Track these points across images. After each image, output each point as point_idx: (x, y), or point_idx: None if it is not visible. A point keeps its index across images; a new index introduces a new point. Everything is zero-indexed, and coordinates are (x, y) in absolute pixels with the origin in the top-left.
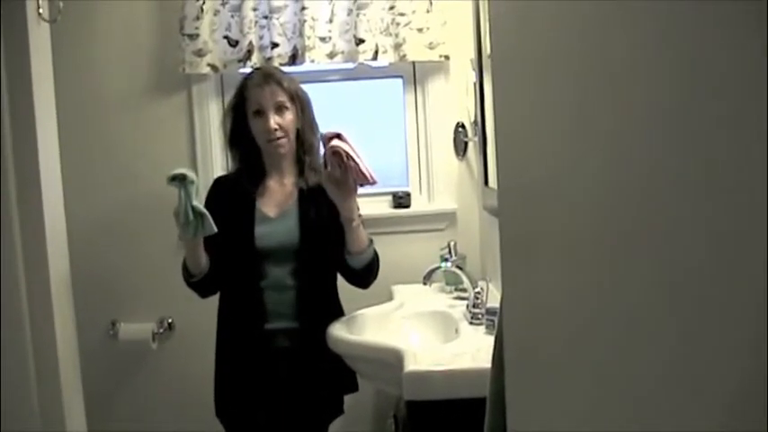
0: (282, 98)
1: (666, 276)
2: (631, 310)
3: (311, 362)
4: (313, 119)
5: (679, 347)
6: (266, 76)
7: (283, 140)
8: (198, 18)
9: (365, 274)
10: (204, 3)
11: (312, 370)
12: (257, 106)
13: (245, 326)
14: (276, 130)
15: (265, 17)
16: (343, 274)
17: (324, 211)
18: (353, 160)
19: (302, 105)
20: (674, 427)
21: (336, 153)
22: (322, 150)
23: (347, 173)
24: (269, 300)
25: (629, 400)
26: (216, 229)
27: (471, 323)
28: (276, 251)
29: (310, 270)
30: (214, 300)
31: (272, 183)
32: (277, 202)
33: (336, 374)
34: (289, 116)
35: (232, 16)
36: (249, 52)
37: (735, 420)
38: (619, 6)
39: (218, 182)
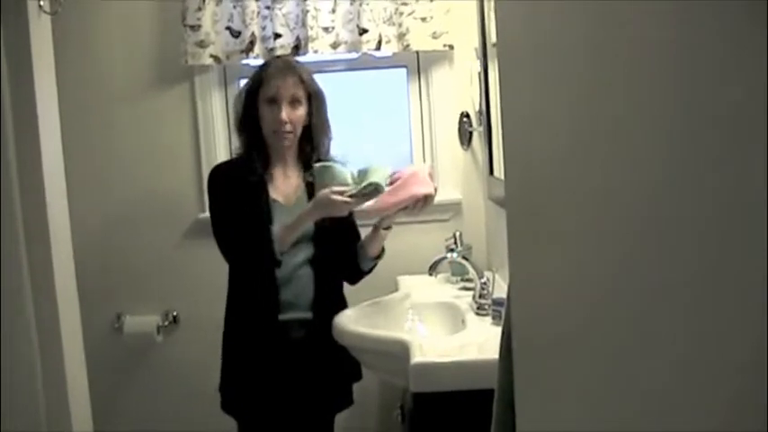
0: (299, 92)
1: (674, 268)
2: (640, 300)
3: (324, 353)
4: (326, 116)
5: (684, 339)
6: (288, 66)
7: (290, 135)
8: (200, 9)
9: (363, 275)
10: None
11: (325, 361)
12: (272, 95)
13: (258, 317)
14: (287, 123)
15: (268, 8)
16: (341, 268)
17: None
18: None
19: (318, 103)
20: (680, 422)
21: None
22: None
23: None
24: (283, 290)
25: (638, 390)
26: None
27: (478, 314)
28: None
29: (325, 259)
30: (219, 292)
31: (277, 173)
32: (286, 192)
33: (346, 364)
34: (300, 111)
35: (234, 7)
36: (252, 43)
37: (737, 420)
38: None
39: (219, 168)
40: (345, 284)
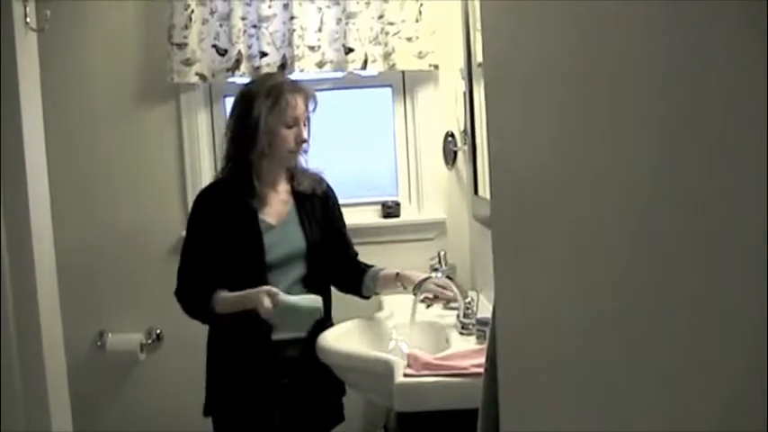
0: (307, 112)
1: (664, 284)
2: (624, 316)
3: (317, 371)
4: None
5: (674, 355)
6: (299, 86)
7: (300, 152)
8: (186, 27)
9: (360, 297)
10: (193, 12)
11: (318, 379)
12: (296, 116)
13: (250, 337)
14: (305, 141)
15: (254, 26)
16: (341, 284)
17: (320, 214)
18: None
19: (310, 120)
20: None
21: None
22: None
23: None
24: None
25: (622, 409)
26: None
27: (461, 333)
28: (284, 260)
29: (318, 276)
30: None
31: (266, 191)
32: (275, 210)
33: (337, 381)
34: (307, 128)
35: (221, 25)
36: (238, 61)
37: (735, 421)
38: (608, 12)
39: (206, 193)
40: (334, 302)
